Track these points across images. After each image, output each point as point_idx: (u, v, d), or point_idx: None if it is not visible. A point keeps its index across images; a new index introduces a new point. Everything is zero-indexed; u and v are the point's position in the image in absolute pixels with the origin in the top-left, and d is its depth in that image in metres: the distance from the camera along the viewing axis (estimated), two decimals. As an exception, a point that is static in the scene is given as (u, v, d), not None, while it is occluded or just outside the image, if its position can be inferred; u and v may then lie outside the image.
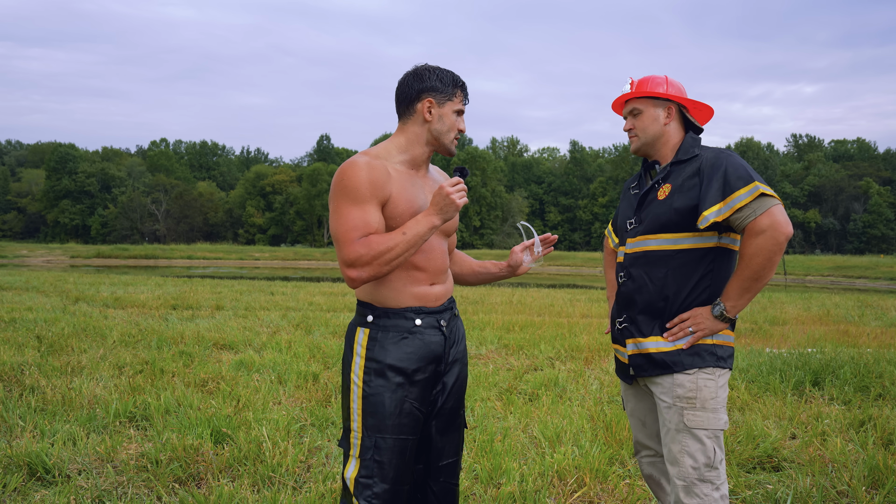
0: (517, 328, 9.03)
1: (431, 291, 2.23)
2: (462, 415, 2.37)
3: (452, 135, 2.23)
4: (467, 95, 2.26)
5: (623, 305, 2.41)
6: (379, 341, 2.17)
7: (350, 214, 2.07)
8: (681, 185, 2.29)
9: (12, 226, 78.72)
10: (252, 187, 76.26)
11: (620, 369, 2.51)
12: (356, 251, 2.04)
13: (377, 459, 2.13)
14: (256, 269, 38.24)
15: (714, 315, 2.25)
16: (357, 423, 2.17)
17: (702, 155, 2.31)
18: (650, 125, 2.40)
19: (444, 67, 2.24)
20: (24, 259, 44.28)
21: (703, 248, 2.27)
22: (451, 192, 2.07)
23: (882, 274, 36.94)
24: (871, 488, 3.40)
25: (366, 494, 2.13)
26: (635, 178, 2.57)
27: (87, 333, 7.71)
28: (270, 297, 14.01)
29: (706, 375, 2.25)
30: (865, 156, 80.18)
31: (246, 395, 4.95)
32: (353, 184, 2.07)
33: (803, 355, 6.38)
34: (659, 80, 2.42)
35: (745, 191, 2.16)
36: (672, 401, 2.27)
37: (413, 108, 2.20)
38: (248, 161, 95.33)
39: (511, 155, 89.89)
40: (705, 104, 2.43)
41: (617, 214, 2.64)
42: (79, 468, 3.53)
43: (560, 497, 3.31)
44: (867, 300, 16.44)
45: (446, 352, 2.25)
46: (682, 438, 2.24)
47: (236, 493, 3.22)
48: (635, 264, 2.37)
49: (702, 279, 2.28)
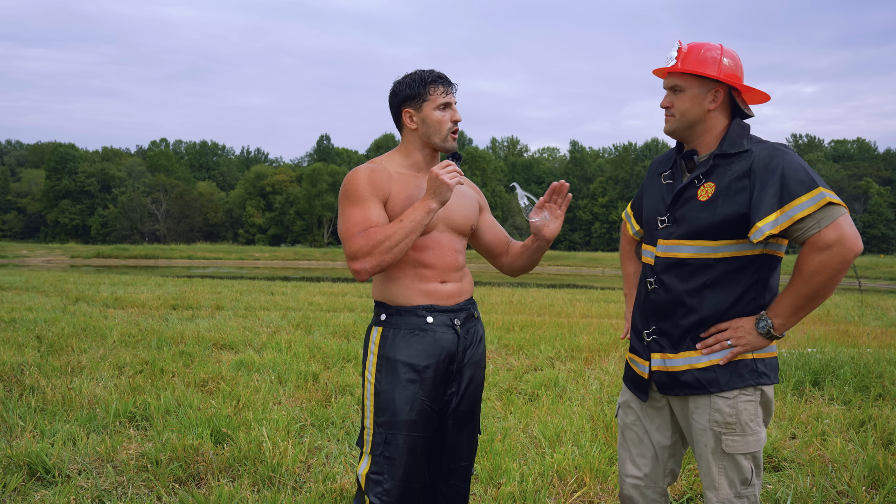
0: (517, 328, 9.02)
1: (442, 289, 2.24)
2: (476, 419, 2.36)
3: (443, 132, 2.23)
4: (449, 84, 2.25)
5: (653, 316, 2.13)
6: (390, 338, 2.21)
7: (352, 213, 2.16)
8: (727, 187, 1.99)
9: (12, 226, 78.70)
10: (252, 187, 76.24)
11: (635, 382, 2.24)
12: (357, 243, 2.10)
13: (387, 456, 2.16)
14: (256, 269, 38.23)
15: (758, 330, 1.99)
16: (370, 421, 2.21)
17: (753, 151, 1.99)
18: (692, 108, 2.06)
19: (418, 70, 2.26)
20: (24, 259, 44.28)
21: (746, 255, 2.00)
22: (442, 174, 2.08)
23: (882, 274, 36.95)
24: (871, 488, 3.40)
25: (376, 491, 2.16)
26: (667, 163, 2.22)
27: (87, 333, 7.70)
28: (270, 297, 14.01)
29: (746, 397, 2.02)
30: (865, 156, 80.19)
31: (246, 395, 4.95)
32: (353, 186, 2.18)
33: (803, 355, 6.38)
34: (712, 54, 2.04)
35: (807, 198, 1.88)
36: (708, 424, 2.04)
37: (400, 122, 2.29)
38: (248, 161, 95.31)
39: (511, 155, 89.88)
40: (761, 91, 2.09)
41: (641, 201, 2.32)
42: (79, 468, 3.52)
43: (560, 497, 3.31)
44: (867, 300, 16.43)
45: (459, 351, 2.25)
46: (721, 462, 2.04)
47: (236, 493, 3.22)
48: (668, 271, 2.08)
49: (746, 291, 2.02)
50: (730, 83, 2.05)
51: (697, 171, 2.06)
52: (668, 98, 2.11)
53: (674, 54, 2.09)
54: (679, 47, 2.09)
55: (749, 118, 2.13)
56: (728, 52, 2.07)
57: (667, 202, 2.12)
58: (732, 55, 2.07)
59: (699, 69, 2.04)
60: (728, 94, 2.08)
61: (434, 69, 2.26)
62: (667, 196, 2.14)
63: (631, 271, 2.47)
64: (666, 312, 2.10)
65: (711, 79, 2.05)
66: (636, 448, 2.25)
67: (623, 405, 2.32)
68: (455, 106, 2.26)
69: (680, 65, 2.06)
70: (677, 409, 2.16)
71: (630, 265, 2.48)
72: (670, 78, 2.10)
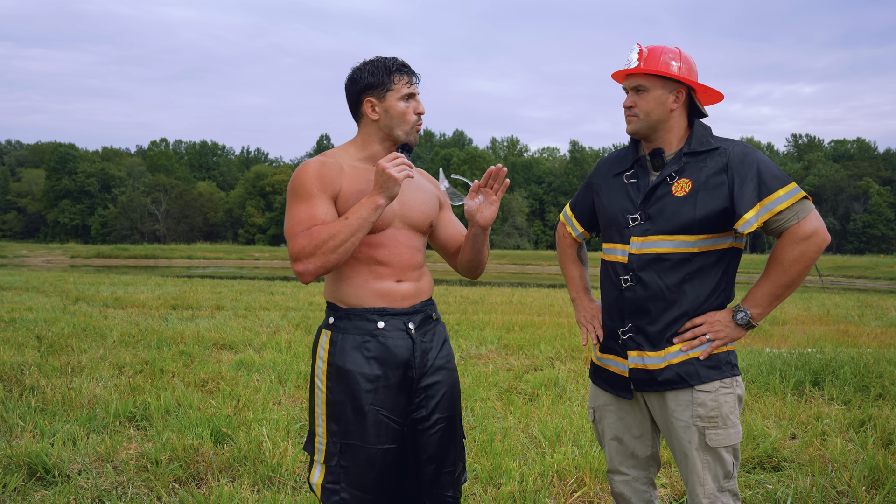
0: (517, 328, 9.02)
1: (397, 289, 2.11)
2: (457, 424, 2.22)
3: (407, 125, 2.11)
4: (413, 75, 2.12)
5: (630, 313, 2.14)
6: (339, 345, 2.08)
7: (297, 211, 2.04)
8: (705, 183, 2.06)
9: (12, 226, 78.71)
10: (252, 187, 76.22)
11: (613, 383, 2.24)
12: (299, 243, 1.98)
13: (343, 465, 2.06)
14: (256, 269, 38.22)
15: (736, 322, 2.07)
16: (322, 428, 2.10)
17: (724, 148, 2.09)
18: (655, 108, 2.11)
19: (381, 57, 2.12)
20: (24, 259, 44.27)
21: (719, 249, 2.10)
22: (389, 167, 1.95)
23: (882, 274, 36.90)
24: (871, 488, 3.40)
25: (333, 500, 2.06)
26: (623, 163, 2.25)
27: (87, 333, 7.71)
28: (270, 297, 14.00)
29: (725, 389, 2.08)
30: (865, 156, 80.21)
31: (246, 395, 4.95)
32: (301, 181, 2.05)
33: (803, 355, 6.38)
34: (671, 55, 2.11)
35: (784, 192, 2.00)
36: (690, 420, 2.08)
37: (359, 111, 2.14)
38: (248, 161, 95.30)
39: (511, 155, 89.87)
40: (716, 90, 2.17)
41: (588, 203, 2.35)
42: (79, 468, 3.52)
43: (560, 497, 3.31)
44: (867, 300, 16.43)
45: (417, 357, 2.11)
46: (705, 457, 2.07)
47: (236, 493, 3.22)
48: (647, 268, 2.10)
49: (718, 283, 2.10)
50: (689, 83, 2.12)
51: (669, 169, 2.12)
52: (632, 98, 2.15)
53: (635, 57, 2.13)
54: (640, 49, 2.13)
55: (704, 118, 2.22)
56: (685, 55, 2.14)
57: (636, 200, 2.15)
58: (688, 58, 2.15)
59: (664, 70, 2.09)
60: (688, 94, 2.15)
61: (397, 57, 2.12)
62: (635, 194, 2.16)
63: (576, 275, 2.48)
64: (643, 309, 2.12)
65: (673, 79, 2.11)
66: (619, 449, 2.28)
67: (599, 409, 2.33)
68: (419, 97, 2.13)
69: (643, 65, 2.11)
70: (655, 407, 2.18)
71: (574, 269, 2.49)
72: (633, 79, 2.14)
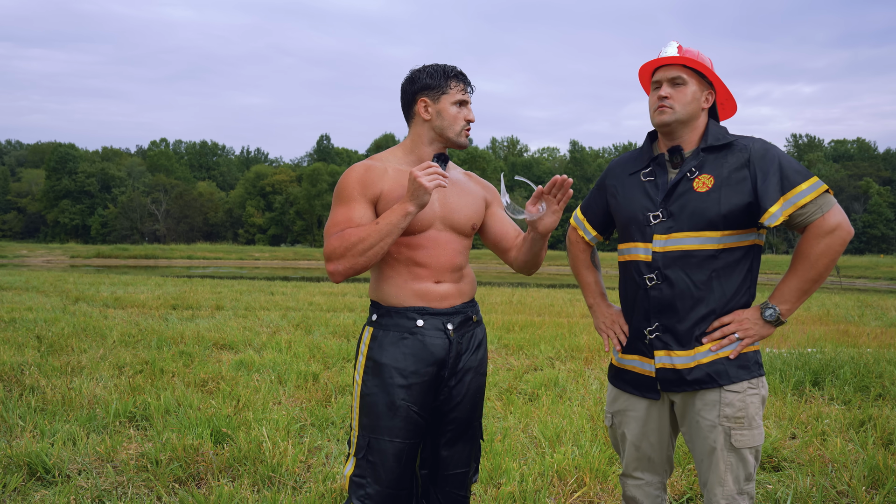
0: (517, 328, 9.02)
1: (435, 290, 2.17)
2: (476, 426, 2.29)
3: (457, 128, 2.18)
4: (468, 84, 2.21)
5: (656, 312, 2.10)
6: (379, 340, 2.16)
7: (336, 213, 2.13)
8: (728, 178, 2.04)
9: (12, 226, 78.71)
10: (252, 187, 76.25)
11: (637, 384, 2.20)
12: (332, 245, 2.07)
13: (370, 460, 2.12)
14: (256, 269, 38.21)
15: (765, 319, 2.05)
16: (356, 422, 2.17)
17: (744, 144, 2.07)
18: (691, 102, 2.09)
19: (439, 63, 2.21)
20: (24, 259, 44.26)
21: (744, 245, 2.07)
22: (420, 176, 1.99)
23: (882, 274, 36.92)
24: (871, 488, 3.40)
25: (359, 494, 2.12)
26: (639, 162, 2.23)
27: (87, 333, 7.70)
28: (270, 297, 14.00)
29: (752, 389, 2.06)
30: (865, 156, 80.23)
31: (246, 395, 4.95)
32: (343, 184, 2.14)
33: (803, 355, 6.38)
34: (707, 59, 2.14)
35: (807, 185, 1.98)
36: (717, 420, 2.05)
37: (412, 110, 2.22)
38: (248, 161, 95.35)
39: (511, 155, 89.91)
40: (734, 103, 2.19)
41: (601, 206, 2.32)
42: (79, 468, 3.52)
43: (560, 497, 3.31)
44: (867, 300, 16.43)
45: (450, 357, 2.17)
46: (728, 458, 2.05)
47: (236, 493, 3.22)
48: (673, 266, 2.07)
49: (744, 280, 2.08)
50: (718, 88, 2.14)
51: (689, 165, 2.10)
52: (668, 89, 2.10)
53: (673, 49, 2.11)
54: (678, 45, 2.12)
55: None
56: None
57: (655, 198, 2.12)
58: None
59: (705, 67, 2.10)
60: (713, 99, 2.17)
61: (456, 66, 2.21)
62: (654, 192, 2.14)
63: (591, 280, 2.42)
64: (671, 307, 2.08)
65: (706, 81, 2.13)
66: (636, 455, 2.25)
67: (618, 414, 2.30)
68: (470, 106, 2.21)
69: (687, 58, 2.09)
70: (680, 406, 2.15)
71: (589, 274, 2.42)
72: (671, 69, 2.10)
